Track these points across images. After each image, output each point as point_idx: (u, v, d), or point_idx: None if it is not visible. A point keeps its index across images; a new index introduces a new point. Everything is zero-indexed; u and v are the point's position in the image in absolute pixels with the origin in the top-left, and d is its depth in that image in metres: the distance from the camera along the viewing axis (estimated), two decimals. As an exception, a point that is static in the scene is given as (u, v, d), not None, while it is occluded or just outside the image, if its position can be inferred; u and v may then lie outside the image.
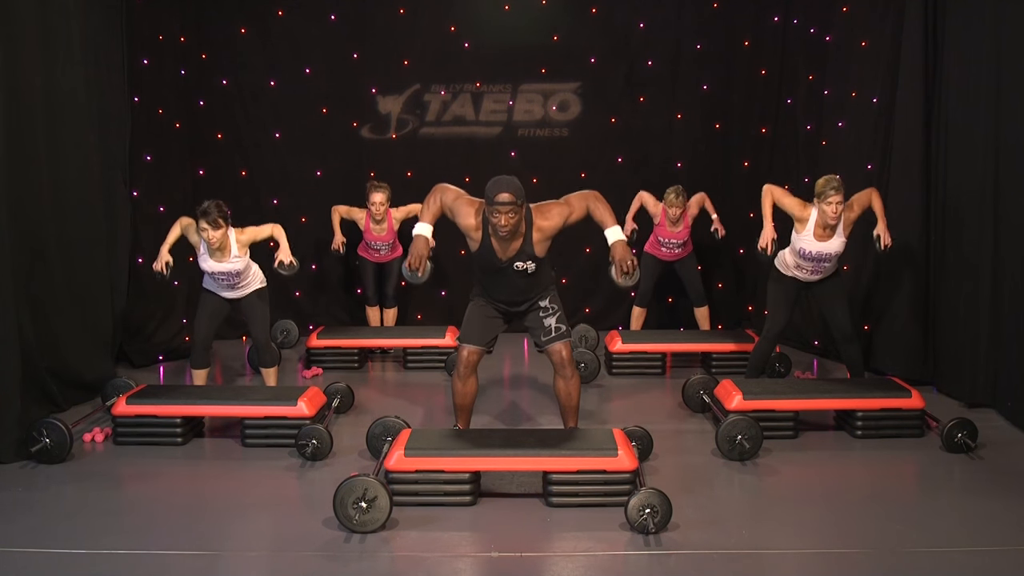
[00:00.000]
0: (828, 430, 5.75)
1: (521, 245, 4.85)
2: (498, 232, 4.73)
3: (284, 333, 8.13)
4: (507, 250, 4.86)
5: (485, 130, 8.64)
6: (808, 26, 8.07)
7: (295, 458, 5.24)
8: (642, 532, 4.17)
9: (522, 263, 4.87)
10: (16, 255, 5.48)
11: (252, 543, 4.25)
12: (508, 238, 4.80)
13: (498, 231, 4.72)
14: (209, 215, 5.75)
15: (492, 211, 4.66)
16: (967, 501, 4.64)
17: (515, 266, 4.87)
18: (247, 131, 8.52)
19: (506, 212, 4.64)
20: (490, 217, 4.70)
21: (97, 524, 4.36)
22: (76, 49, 6.38)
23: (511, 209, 4.65)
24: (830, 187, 5.76)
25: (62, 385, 6.03)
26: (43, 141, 5.98)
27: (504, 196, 4.63)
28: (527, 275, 4.93)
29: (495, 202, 4.64)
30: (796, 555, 4.05)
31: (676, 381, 6.67)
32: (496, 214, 4.65)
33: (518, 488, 4.75)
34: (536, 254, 4.87)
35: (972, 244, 6.12)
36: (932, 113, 6.56)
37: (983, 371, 6.01)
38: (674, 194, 7.47)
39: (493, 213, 4.66)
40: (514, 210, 4.67)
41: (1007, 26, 5.74)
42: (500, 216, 4.65)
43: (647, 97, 8.66)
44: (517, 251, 4.85)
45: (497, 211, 4.64)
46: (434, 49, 8.55)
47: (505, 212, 4.64)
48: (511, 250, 4.86)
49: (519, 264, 4.87)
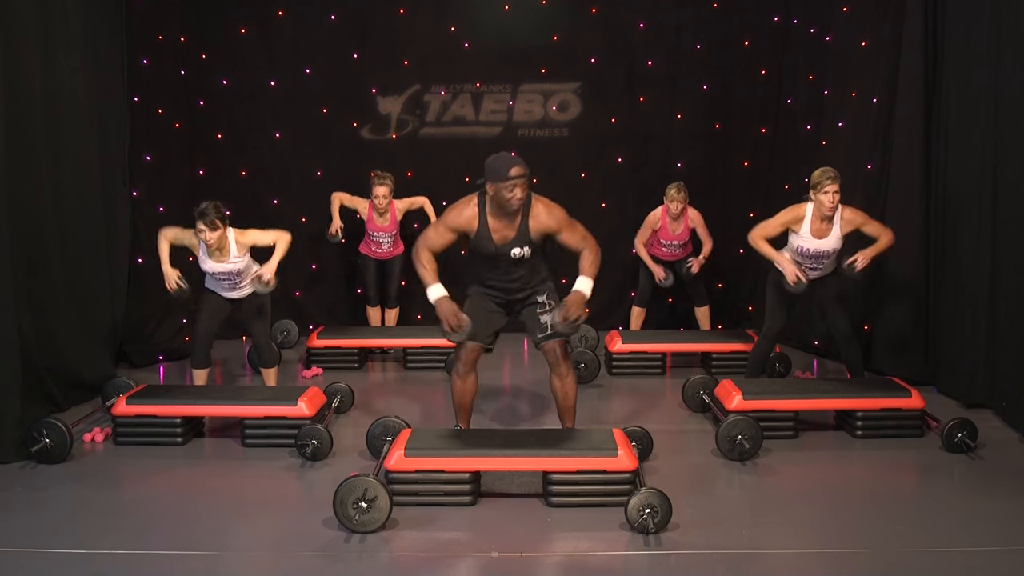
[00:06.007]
0: (828, 430, 5.75)
1: (517, 230, 4.90)
2: (510, 207, 4.81)
3: (284, 333, 8.13)
4: (503, 235, 4.90)
5: (485, 130, 8.64)
6: (808, 26, 8.07)
7: (295, 458, 5.24)
8: (642, 532, 4.17)
9: (519, 249, 4.91)
10: (16, 255, 5.47)
11: (252, 543, 4.25)
12: (513, 216, 4.86)
13: (511, 205, 4.79)
14: (207, 216, 5.74)
15: (506, 187, 4.74)
16: (967, 501, 4.64)
17: (512, 253, 4.91)
18: (247, 131, 8.52)
19: (521, 184, 4.76)
20: (503, 194, 4.75)
21: (97, 524, 4.36)
22: (76, 49, 6.38)
23: (524, 181, 4.79)
24: (826, 177, 5.78)
25: (62, 385, 6.03)
26: (43, 141, 5.98)
27: (516, 170, 4.76)
28: (522, 262, 4.97)
29: (510, 176, 4.73)
30: (796, 555, 4.05)
31: (676, 381, 6.66)
32: (512, 188, 4.74)
33: (518, 488, 4.75)
34: (532, 239, 4.91)
35: (972, 244, 6.12)
36: (932, 113, 6.56)
37: (981, 372, 6.01)
38: (675, 189, 7.48)
39: (508, 188, 4.74)
40: (527, 181, 4.81)
41: (1007, 26, 5.74)
42: (516, 189, 4.75)
43: (647, 97, 8.65)
44: (512, 237, 4.89)
45: (513, 185, 4.74)
46: (434, 49, 8.54)
47: (520, 184, 4.76)
48: (507, 235, 4.90)
49: (516, 251, 4.91)
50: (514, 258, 4.93)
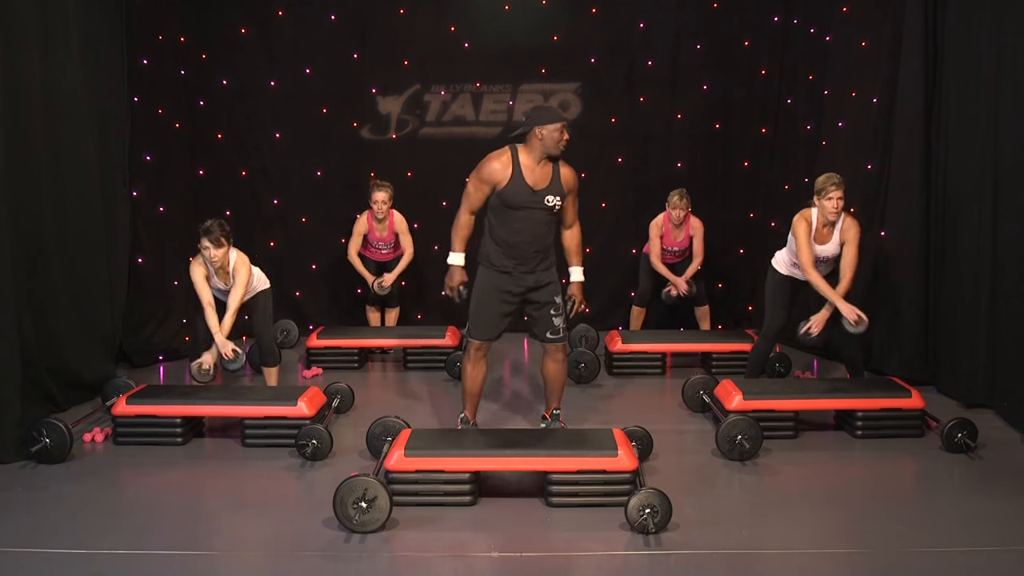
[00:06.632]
0: (828, 430, 5.75)
1: (551, 178, 5.12)
2: (558, 149, 5.06)
3: (284, 333, 8.12)
4: (538, 180, 5.09)
5: (485, 130, 8.63)
6: (808, 26, 8.07)
7: (295, 458, 5.24)
8: (642, 532, 4.17)
9: (552, 196, 5.11)
10: (16, 255, 5.47)
11: (252, 543, 4.25)
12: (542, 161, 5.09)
13: (559, 148, 5.05)
14: (211, 234, 5.75)
15: (557, 128, 5.02)
16: (967, 501, 4.64)
17: (546, 200, 5.10)
18: (247, 131, 8.51)
19: (566, 128, 5.07)
20: (554, 135, 5.01)
21: (97, 524, 4.36)
22: (76, 49, 6.38)
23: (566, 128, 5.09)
24: (830, 183, 5.78)
25: (62, 385, 6.03)
26: (43, 141, 5.98)
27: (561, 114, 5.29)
28: (552, 214, 5.16)
29: (562, 118, 5.11)
30: (796, 555, 4.05)
31: (676, 381, 6.66)
32: (562, 131, 5.04)
33: (518, 487, 4.75)
34: (563, 190, 5.16)
35: (972, 244, 6.12)
36: (932, 113, 6.56)
37: (981, 372, 6.01)
38: (677, 196, 7.50)
39: (559, 130, 5.02)
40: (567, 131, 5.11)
41: (1007, 26, 5.74)
42: (565, 133, 5.05)
43: (647, 97, 8.65)
44: (548, 184, 5.11)
45: (563, 127, 5.05)
46: (434, 49, 8.54)
47: (566, 129, 5.06)
48: (542, 181, 5.09)
49: (549, 198, 5.10)
50: (547, 206, 5.11)
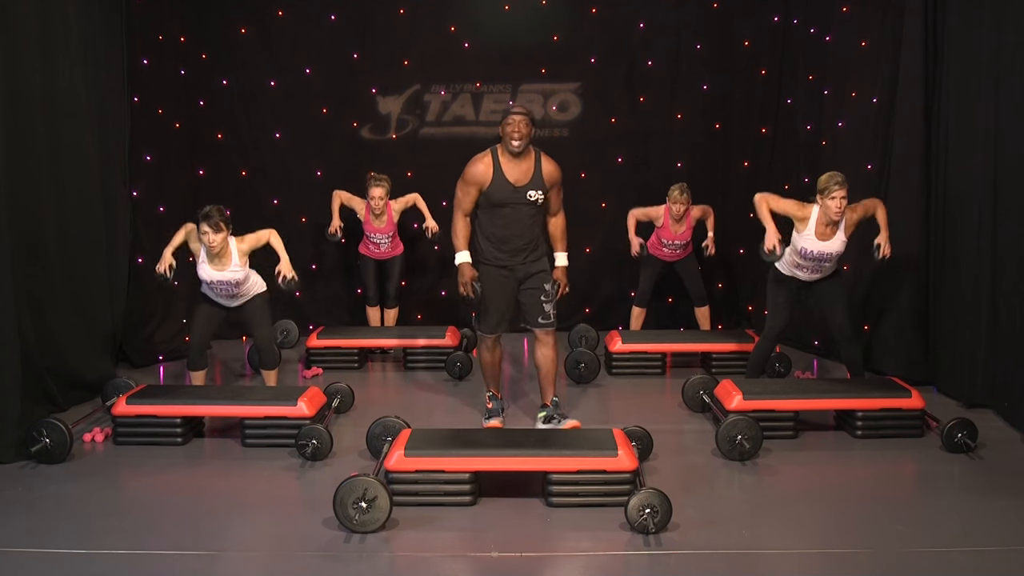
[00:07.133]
0: (828, 430, 5.75)
1: (532, 173, 5.33)
2: (511, 144, 5.23)
3: (284, 333, 8.12)
4: (520, 177, 5.30)
5: (485, 130, 8.62)
6: (808, 26, 8.07)
7: (295, 458, 5.24)
8: (642, 532, 4.17)
9: (534, 191, 5.34)
10: (16, 255, 5.48)
11: (252, 543, 4.25)
12: (520, 157, 5.29)
13: (511, 142, 5.22)
14: (211, 218, 5.76)
15: (506, 124, 5.23)
16: (967, 501, 4.64)
17: (528, 195, 5.33)
18: (247, 131, 8.52)
19: (519, 121, 5.20)
20: (505, 129, 5.23)
21: (97, 524, 4.36)
22: (76, 49, 6.38)
23: (522, 120, 5.23)
24: (833, 182, 5.77)
25: (62, 385, 6.03)
26: (43, 141, 5.98)
27: (517, 108, 5.33)
28: (536, 207, 5.40)
29: (511, 112, 5.26)
30: (796, 555, 4.05)
31: (676, 381, 6.66)
32: (511, 124, 5.20)
33: (518, 488, 4.75)
34: (545, 185, 5.37)
35: (971, 244, 6.12)
36: (932, 113, 6.56)
37: (981, 372, 6.01)
38: (678, 191, 7.49)
39: (508, 124, 5.22)
40: (525, 123, 5.25)
41: (1007, 26, 5.74)
42: (514, 125, 5.19)
43: (647, 97, 8.65)
44: (529, 180, 5.32)
45: (511, 120, 5.21)
46: (434, 49, 8.54)
47: (518, 121, 5.20)
48: (523, 177, 5.31)
49: (531, 193, 5.33)
50: (529, 200, 5.33)
